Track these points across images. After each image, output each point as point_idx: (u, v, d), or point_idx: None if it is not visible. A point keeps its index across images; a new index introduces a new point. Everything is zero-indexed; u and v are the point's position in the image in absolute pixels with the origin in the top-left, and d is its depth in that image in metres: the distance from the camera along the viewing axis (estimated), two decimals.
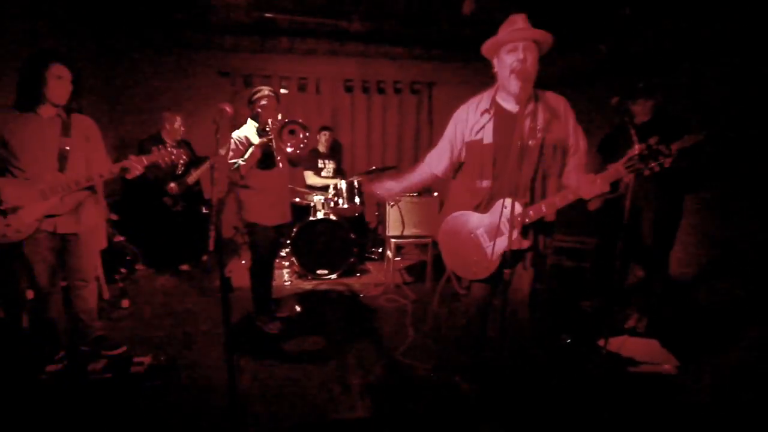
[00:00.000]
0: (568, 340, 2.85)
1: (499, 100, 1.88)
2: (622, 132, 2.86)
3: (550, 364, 2.63)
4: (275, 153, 2.76)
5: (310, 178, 4.74)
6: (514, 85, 1.76)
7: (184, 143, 4.23)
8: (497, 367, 2.17)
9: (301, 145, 2.72)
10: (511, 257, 1.72)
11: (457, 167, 2.10)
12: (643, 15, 3.61)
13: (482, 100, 1.92)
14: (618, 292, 3.07)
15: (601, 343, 2.64)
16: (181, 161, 4.06)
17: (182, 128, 4.17)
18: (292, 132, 2.71)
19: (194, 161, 4.30)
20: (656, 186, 2.83)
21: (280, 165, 2.82)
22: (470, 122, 1.92)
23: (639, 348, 2.70)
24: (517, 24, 1.79)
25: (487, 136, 1.86)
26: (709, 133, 2.62)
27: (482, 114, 1.89)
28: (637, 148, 1.70)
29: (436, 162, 2.12)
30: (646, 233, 2.94)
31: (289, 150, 2.71)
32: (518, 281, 1.99)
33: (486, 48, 1.86)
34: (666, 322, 3.01)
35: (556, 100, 1.87)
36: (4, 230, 2.25)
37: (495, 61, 1.88)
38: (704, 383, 2.40)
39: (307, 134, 2.72)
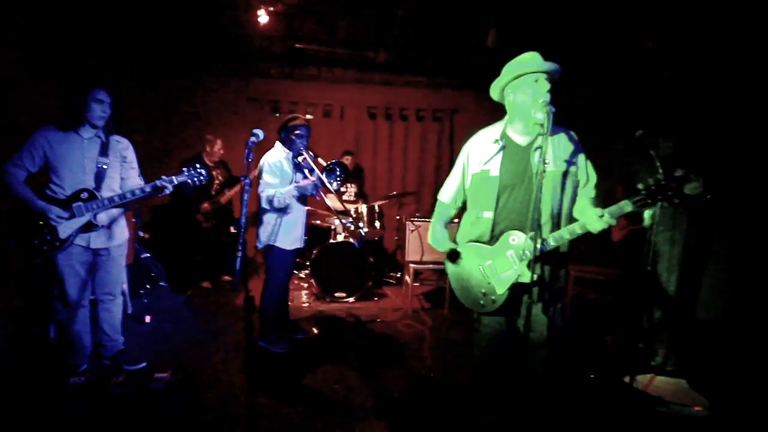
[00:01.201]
0: (592, 376, 2.75)
1: (510, 132, 1.90)
2: (647, 164, 2.84)
3: (573, 400, 2.54)
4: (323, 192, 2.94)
5: (332, 201, 4.81)
6: (537, 116, 1.76)
7: (222, 164, 4.53)
8: (517, 400, 2.10)
9: (340, 180, 2.90)
10: (519, 290, 1.70)
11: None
12: (666, 48, 3.64)
13: (492, 132, 1.94)
14: (644, 327, 2.96)
15: (627, 380, 2.55)
16: (217, 181, 4.31)
17: (222, 151, 4.45)
18: (331, 171, 2.86)
19: (229, 181, 4.51)
20: (685, 218, 2.77)
21: (334, 204, 2.98)
22: (480, 154, 1.93)
23: (667, 387, 2.59)
24: (536, 59, 1.83)
25: (494, 168, 1.87)
26: (734, 165, 2.57)
27: (492, 145, 1.91)
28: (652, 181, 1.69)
29: (453, 198, 2.10)
30: (672, 267, 2.86)
31: (334, 186, 2.85)
32: (533, 316, 1.92)
33: (501, 82, 1.88)
34: (695, 360, 2.89)
35: (566, 133, 1.89)
36: (42, 243, 2.37)
37: (509, 94, 1.89)
38: (737, 426, 2.27)
39: (344, 173, 2.91)
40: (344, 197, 4.92)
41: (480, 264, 1.92)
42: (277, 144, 3.00)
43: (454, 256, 1.99)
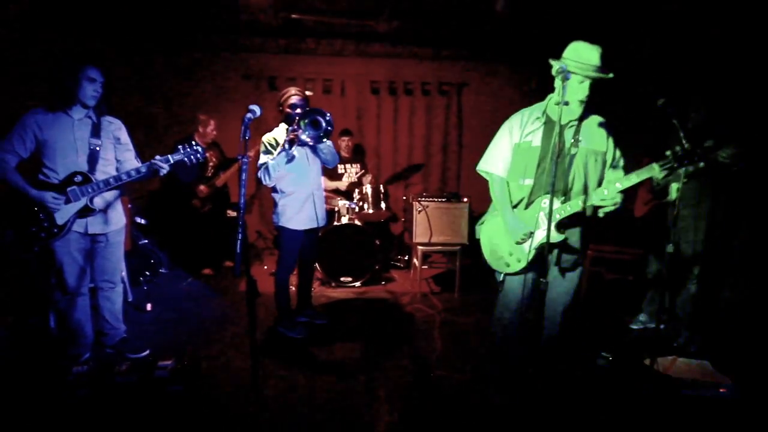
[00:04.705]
0: (610, 358, 2.65)
1: (549, 112, 2.08)
2: (671, 134, 2.68)
3: (590, 383, 2.46)
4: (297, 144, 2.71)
5: (326, 181, 4.60)
6: (575, 109, 1.95)
7: (215, 145, 4.31)
8: (530, 380, 2.14)
9: (321, 134, 2.61)
10: (546, 249, 1.82)
11: None
12: (691, 10, 3.39)
13: (536, 109, 2.13)
14: (666, 306, 2.85)
15: (648, 363, 2.44)
16: (211, 163, 4.15)
17: (215, 132, 4.22)
18: (314, 123, 2.62)
19: (223, 163, 4.34)
20: (710, 191, 2.62)
21: (308, 160, 2.85)
22: (524, 127, 2.11)
23: (690, 369, 2.49)
24: (592, 60, 1.88)
25: (536, 140, 2.06)
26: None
27: (535, 120, 2.10)
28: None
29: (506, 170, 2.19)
30: (697, 243, 2.72)
31: (306, 138, 2.61)
32: (552, 291, 2.06)
33: (557, 66, 1.90)
34: (719, 340, 2.78)
35: (598, 119, 2.07)
36: (40, 231, 2.30)
37: (558, 78, 1.94)
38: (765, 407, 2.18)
39: (328, 118, 2.60)
40: (345, 179, 4.70)
41: None
42: (281, 124, 2.92)
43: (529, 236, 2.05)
